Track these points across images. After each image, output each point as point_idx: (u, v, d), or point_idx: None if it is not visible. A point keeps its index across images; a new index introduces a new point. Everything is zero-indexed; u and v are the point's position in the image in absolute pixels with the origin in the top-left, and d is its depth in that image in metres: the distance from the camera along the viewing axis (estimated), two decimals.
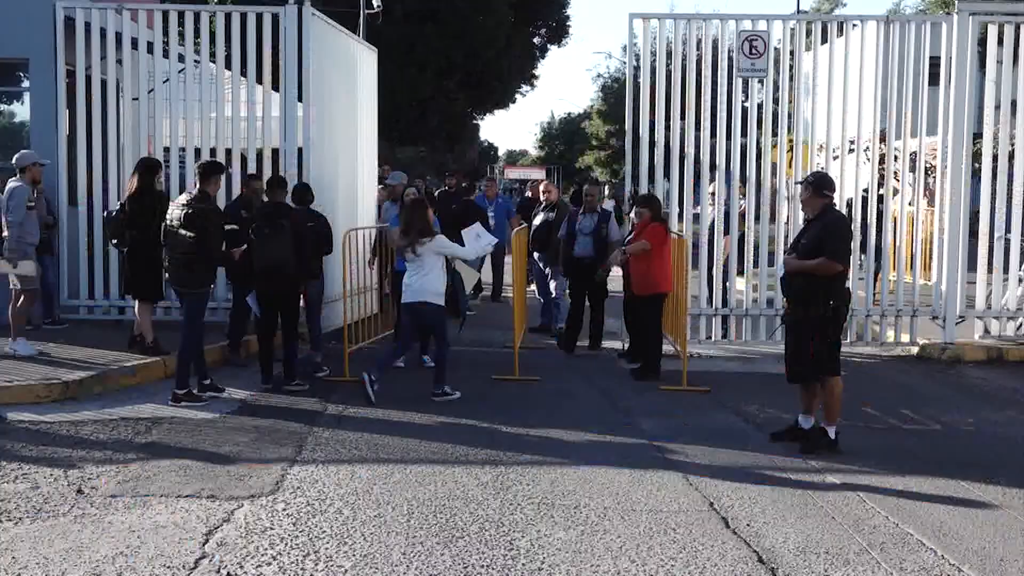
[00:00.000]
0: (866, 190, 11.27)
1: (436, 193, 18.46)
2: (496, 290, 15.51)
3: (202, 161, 9.22)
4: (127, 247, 9.31)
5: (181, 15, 11.06)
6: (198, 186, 8.38)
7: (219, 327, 10.38)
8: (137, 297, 9.38)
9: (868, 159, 11.32)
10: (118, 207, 9.61)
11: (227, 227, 9.52)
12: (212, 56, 11.56)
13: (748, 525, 5.44)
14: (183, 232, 8.09)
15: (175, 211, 8.23)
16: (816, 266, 6.87)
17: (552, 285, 12.12)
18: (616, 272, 10.98)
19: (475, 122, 42.59)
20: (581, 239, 10.77)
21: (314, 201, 9.64)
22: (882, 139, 11.95)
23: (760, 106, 11.13)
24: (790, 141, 12.88)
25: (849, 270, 7.33)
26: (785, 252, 7.52)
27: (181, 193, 11.24)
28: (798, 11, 29.90)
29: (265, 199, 9.23)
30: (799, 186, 7.38)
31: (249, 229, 8.71)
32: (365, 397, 8.18)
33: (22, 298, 9.36)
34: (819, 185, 7.09)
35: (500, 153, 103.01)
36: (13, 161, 9.50)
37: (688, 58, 11.57)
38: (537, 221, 12.03)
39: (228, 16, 11.16)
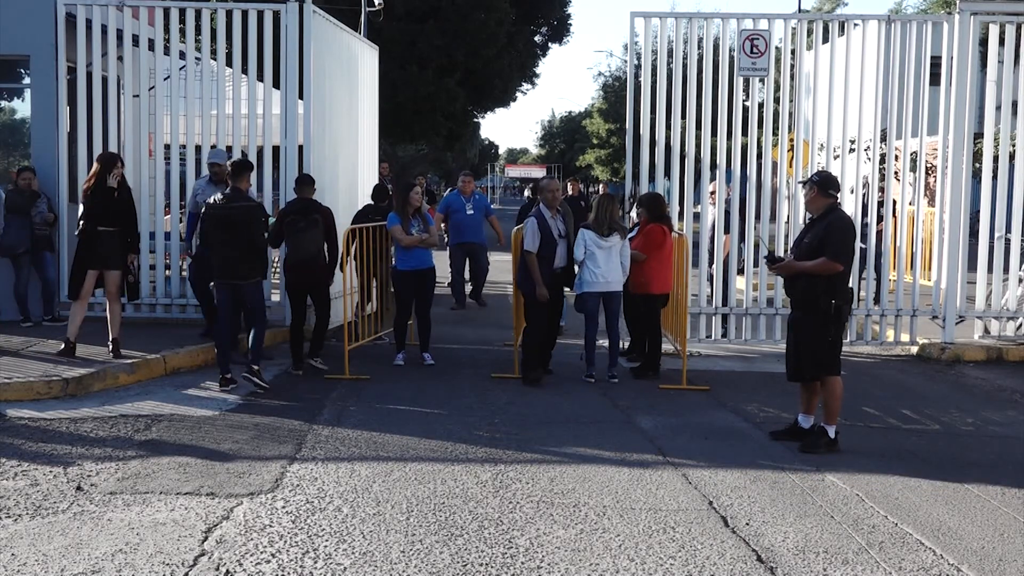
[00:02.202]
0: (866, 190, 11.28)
1: (446, 191, 18.55)
2: (476, 292, 14.01)
3: (233, 160, 9.51)
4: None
5: (182, 12, 11.06)
6: (230, 184, 8.73)
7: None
8: (69, 296, 9.34)
9: (869, 158, 11.32)
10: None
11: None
12: (213, 53, 11.56)
13: (747, 524, 5.44)
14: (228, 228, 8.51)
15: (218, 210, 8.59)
16: (815, 266, 6.88)
17: None
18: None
19: (476, 120, 42.55)
20: (562, 245, 9.22)
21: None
22: (882, 139, 11.95)
23: (761, 105, 11.12)
24: (791, 140, 12.88)
25: (851, 270, 7.34)
26: (788, 251, 7.50)
27: (181, 191, 11.32)
28: (799, 10, 29.87)
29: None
30: (802, 186, 7.37)
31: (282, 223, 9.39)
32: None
33: None
34: (824, 185, 7.09)
35: (500, 151, 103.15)
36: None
37: (689, 57, 11.56)
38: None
39: (229, 13, 11.16)
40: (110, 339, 9.17)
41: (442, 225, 13.89)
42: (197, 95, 11.25)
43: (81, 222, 9.11)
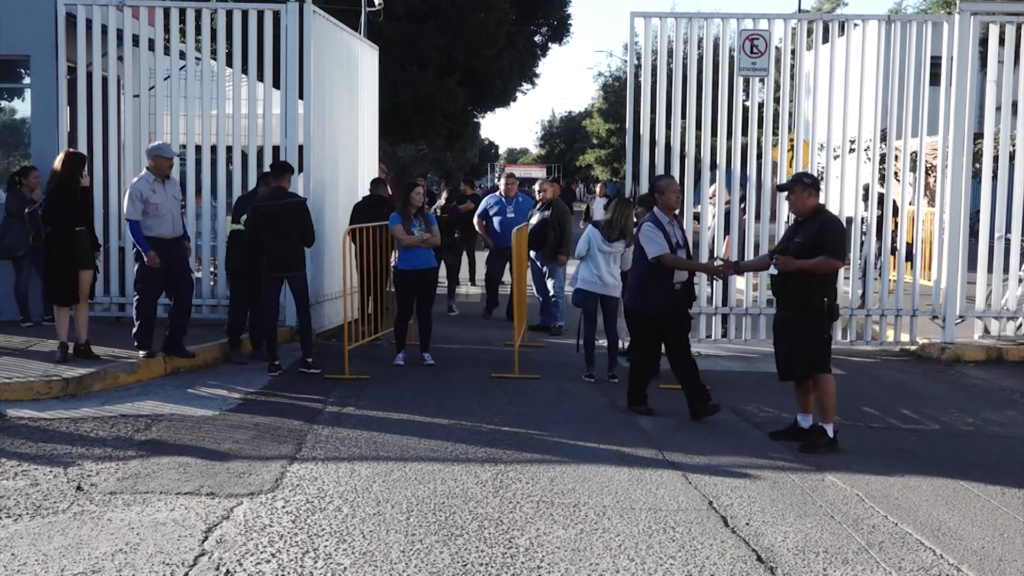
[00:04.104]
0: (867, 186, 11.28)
1: (445, 192, 18.55)
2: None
3: (274, 161, 9.98)
4: (43, 246, 8.94)
5: (182, 12, 11.05)
6: (274, 184, 9.38)
7: (219, 324, 10.40)
8: (60, 303, 8.93)
9: (868, 159, 11.32)
10: (40, 203, 9.25)
11: (233, 226, 9.65)
12: (213, 53, 11.55)
13: (747, 524, 5.44)
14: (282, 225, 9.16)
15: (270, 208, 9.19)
16: (816, 264, 6.89)
17: (550, 283, 12.14)
18: None
19: (476, 120, 42.52)
20: (681, 256, 8.08)
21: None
22: (882, 139, 11.94)
23: (761, 105, 11.12)
24: (791, 141, 12.88)
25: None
26: (777, 252, 7.34)
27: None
28: (799, 10, 29.85)
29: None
30: (794, 188, 7.24)
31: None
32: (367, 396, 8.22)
33: None
34: (816, 185, 7.16)
35: (500, 151, 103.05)
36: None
37: (689, 57, 11.56)
38: (534, 220, 12.05)
39: (229, 13, 11.16)
40: (76, 343, 8.95)
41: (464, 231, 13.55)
42: (197, 95, 11.24)
43: (48, 225, 8.76)
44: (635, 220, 9.52)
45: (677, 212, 8.27)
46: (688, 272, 8.11)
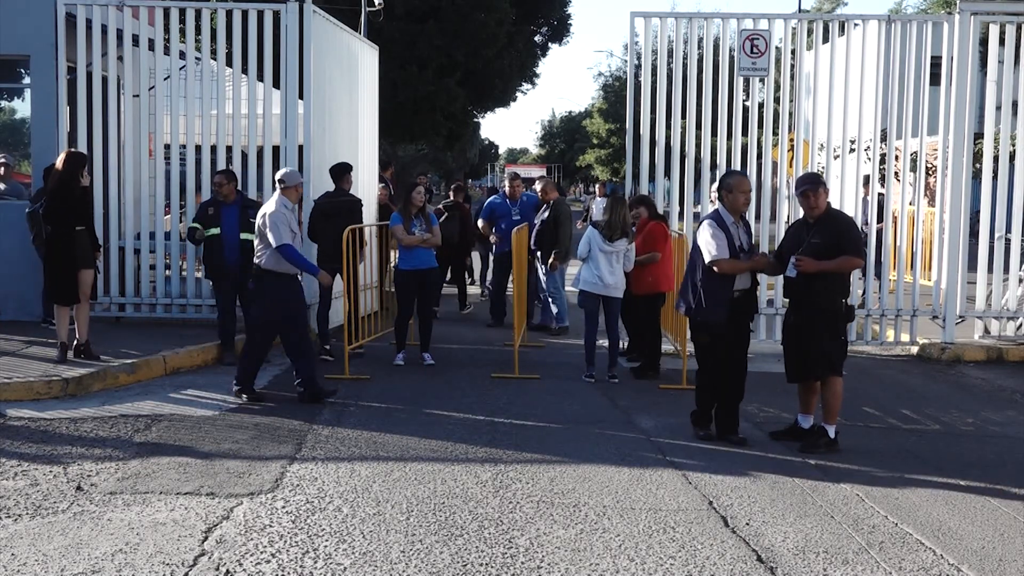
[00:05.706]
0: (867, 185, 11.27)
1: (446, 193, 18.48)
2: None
3: (333, 165, 10.49)
4: (43, 246, 8.94)
5: (182, 12, 11.04)
6: (336, 185, 10.24)
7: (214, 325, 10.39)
8: (60, 303, 8.95)
9: (869, 159, 11.32)
10: (41, 203, 9.18)
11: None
12: (213, 53, 11.53)
13: (747, 524, 5.44)
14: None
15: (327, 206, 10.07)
16: (839, 264, 6.85)
17: (549, 284, 12.12)
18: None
19: (476, 120, 42.54)
20: (744, 261, 7.15)
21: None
22: (882, 138, 11.94)
23: (761, 105, 11.12)
24: (791, 140, 12.88)
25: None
26: (795, 254, 6.98)
27: (181, 190, 11.29)
28: (799, 10, 29.86)
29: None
30: (817, 189, 7.05)
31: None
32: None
33: None
34: (826, 186, 7.12)
35: (500, 151, 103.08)
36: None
37: (689, 57, 11.56)
38: (536, 222, 12.04)
39: (229, 13, 11.16)
40: (77, 343, 8.94)
41: (492, 237, 12.89)
42: (197, 95, 11.24)
43: (48, 224, 8.77)
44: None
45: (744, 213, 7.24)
46: (751, 278, 7.24)
